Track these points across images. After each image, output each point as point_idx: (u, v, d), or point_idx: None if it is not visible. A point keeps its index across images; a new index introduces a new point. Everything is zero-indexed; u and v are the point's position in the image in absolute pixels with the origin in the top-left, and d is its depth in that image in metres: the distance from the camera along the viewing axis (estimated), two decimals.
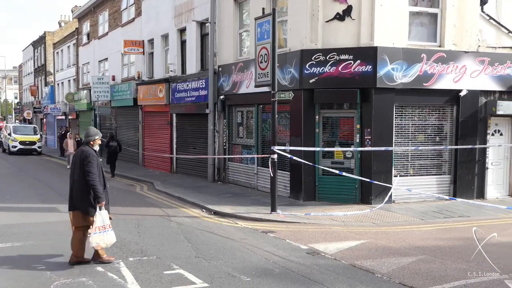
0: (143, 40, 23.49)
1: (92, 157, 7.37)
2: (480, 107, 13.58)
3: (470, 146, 13.41)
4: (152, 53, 23.28)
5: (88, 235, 7.37)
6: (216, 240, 9.22)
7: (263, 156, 14.76)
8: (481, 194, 13.75)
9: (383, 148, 12.59)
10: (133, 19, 25.13)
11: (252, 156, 15.80)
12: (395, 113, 12.97)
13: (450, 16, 13.10)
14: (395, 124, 12.97)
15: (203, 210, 12.50)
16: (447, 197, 13.17)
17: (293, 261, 7.84)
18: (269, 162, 11.91)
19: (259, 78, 12.39)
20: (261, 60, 12.18)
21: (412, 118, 13.34)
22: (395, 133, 12.98)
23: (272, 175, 11.78)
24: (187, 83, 19.48)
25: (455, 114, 13.45)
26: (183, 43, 20.39)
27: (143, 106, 23.63)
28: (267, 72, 11.89)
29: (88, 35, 33.27)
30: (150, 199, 14.48)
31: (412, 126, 13.36)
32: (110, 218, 7.54)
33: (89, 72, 32.65)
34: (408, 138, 13.29)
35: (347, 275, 7.12)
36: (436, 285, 6.68)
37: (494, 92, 13.71)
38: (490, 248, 8.85)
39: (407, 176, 13.33)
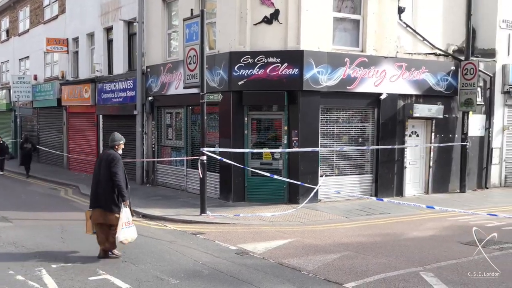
0: (67, 39, 22.68)
1: (118, 160, 8.08)
2: (399, 110, 14.33)
3: (390, 147, 14.12)
4: (77, 52, 22.53)
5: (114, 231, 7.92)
6: (144, 244, 9.13)
7: (192, 158, 14.75)
8: (400, 192, 14.50)
9: (309, 149, 12.97)
10: (56, 16, 24.20)
11: (181, 158, 15.73)
12: (321, 115, 13.40)
13: (371, 23, 13.73)
14: (321, 126, 13.40)
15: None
16: (394, 200, 13.80)
17: (222, 262, 7.93)
18: (199, 164, 11.93)
19: (188, 79, 12.38)
20: (189, 61, 12.18)
21: (337, 120, 13.84)
22: (321, 135, 13.41)
23: (201, 177, 11.81)
24: (114, 83, 19.05)
25: (376, 116, 14.10)
26: (110, 43, 19.91)
27: (67, 107, 22.82)
28: (196, 74, 11.90)
29: (7, 31, 31.62)
30: (76, 203, 14.04)
31: (337, 128, 13.85)
32: (132, 215, 8.23)
33: (8, 70, 31.02)
34: (333, 139, 13.77)
35: (275, 274, 7.31)
36: (358, 280, 7.01)
37: (411, 95, 14.51)
38: (407, 242, 9.42)
39: (332, 176, 13.81)
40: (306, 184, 12.67)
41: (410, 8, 14.64)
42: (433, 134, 15.07)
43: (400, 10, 14.23)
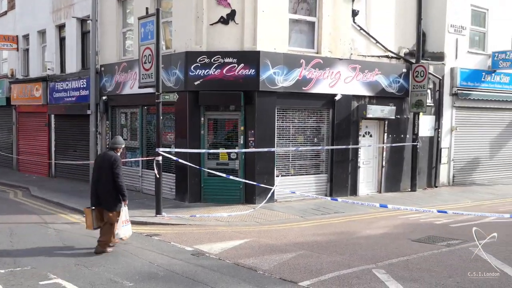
0: (17, 36, 21.94)
1: (120, 161, 8.60)
2: (353, 111, 14.63)
3: (344, 147, 14.40)
4: (27, 50, 21.83)
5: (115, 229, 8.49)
6: None
7: (148, 158, 14.58)
8: (354, 191, 14.80)
9: (266, 149, 13.06)
10: (5, 12, 23.38)
11: (136, 159, 15.52)
12: (277, 115, 13.52)
13: (326, 25, 13.96)
14: (277, 126, 13.52)
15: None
16: (348, 200, 14.02)
17: (178, 263, 7.89)
18: (154, 165, 11.80)
19: (143, 78, 12.23)
20: (145, 60, 12.03)
21: (293, 120, 14.00)
22: (277, 135, 13.52)
23: (157, 178, 11.70)
24: (67, 82, 18.59)
25: (331, 116, 14.34)
26: (62, 40, 19.41)
27: (17, 106, 22.09)
28: (152, 73, 11.78)
29: None
30: (26, 206, 13.62)
31: (292, 128, 14.01)
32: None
33: None
34: (289, 139, 13.92)
35: (231, 274, 7.33)
36: (313, 278, 7.12)
37: (364, 97, 14.84)
38: (360, 240, 9.64)
39: (288, 175, 13.95)
40: (262, 185, 12.76)
41: (363, 12, 14.97)
42: (385, 134, 15.47)
43: (354, 13, 14.54)
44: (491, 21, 18.18)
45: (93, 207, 8.67)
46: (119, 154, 8.81)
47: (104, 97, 16.63)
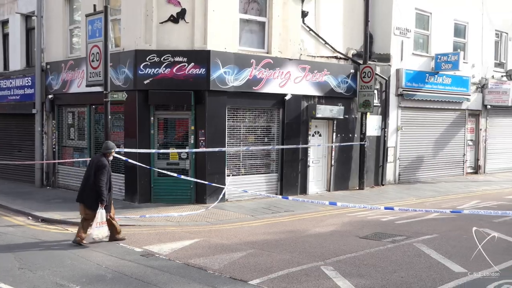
0: None
1: (105, 167, 9.14)
2: (303, 110, 14.85)
3: (294, 146, 14.59)
4: None
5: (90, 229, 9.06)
6: (43, 249, 8.71)
7: None
8: (304, 190, 15.03)
9: (216, 149, 13.06)
10: None
11: (84, 159, 15.14)
12: (228, 115, 13.54)
13: (276, 26, 14.10)
14: (227, 126, 13.54)
15: (29, 217, 11.66)
16: (298, 198, 14.17)
17: (127, 264, 7.79)
18: None
19: (91, 77, 11.96)
20: (92, 58, 11.77)
21: (243, 120, 14.06)
22: (227, 134, 13.55)
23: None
24: (10, 80, 17.92)
25: (281, 116, 14.50)
26: (5, 37, 18.69)
27: None
28: (99, 72, 11.53)
29: None
30: None
31: (243, 128, 14.07)
32: (111, 217, 9.28)
33: None
34: (240, 139, 13.97)
35: (181, 274, 7.31)
36: (263, 276, 7.20)
37: (314, 97, 15.09)
38: (309, 238, 9.80)
39: (239, 175, 14.00)
40: (213, 184, 12.75)
41: (313, 13, 15.21)
42: (334, 134, 15.78)
43: (304, 14, 14.75)
44: (434, 24, 18.88)
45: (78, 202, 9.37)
46: (110, 158, 9.52)
47: (50, 96, 16.13)
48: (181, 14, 12.96)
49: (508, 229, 10.45)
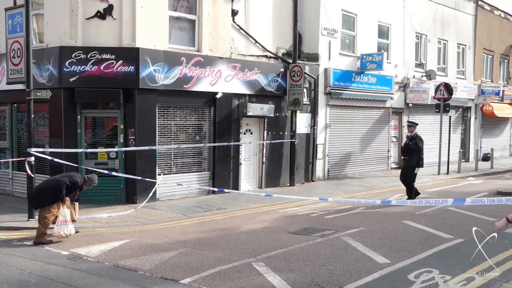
0: None
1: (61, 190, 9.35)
2: (234, 109, 14.94)
3: (225, 144, 14.65)
4: None
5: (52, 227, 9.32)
6: None
7: (18, 159, 13.61)
8: (236, 188, 15.12)
9: (147, 148, 12.86)
10: None
11: (5, 160, 14.42)
12: (158, 113, 13.37)
13: (206, 24, 14.08)
14: (158, 124, 13.37)
15: None
16: (234, 191, 14.16)
17: (53, 268, 7.52)
18: (26, 166, 11.07)
19: (12, 74, 11.40)
20: (13, 55, 11.22)
21: (174, 118, 13.94)
22: (158, 133, 13.38)
23: (29, 179, 10.98)
24: None
25: (212, 114, 14.51)
26: None
27: None
28: (21, 68, 11.03)
29: None
30: None
31: (174, 126, 13.95)
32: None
33: None
34: (171, 137, 13.85)
35: (110, 276, 7.16)
36: (195, 275, 7.20)
37: (245, 95, 15.22)
38: (241, 235, 9.90)
39: (170, 174, 13.88)
40: (146, 179, 12.57)
41: (243, 12, 15.32)
42: (265, 131, 16.00)
43: (234, 13, 14.83)
44: (359, 25, 19.57)
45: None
46: (84, 188, 10.01)
47: None
48: (108, 10, 12.63)
49: (428, 221, 11.06)
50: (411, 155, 13.60)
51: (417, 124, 14.30)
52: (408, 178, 13.76)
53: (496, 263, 7.75)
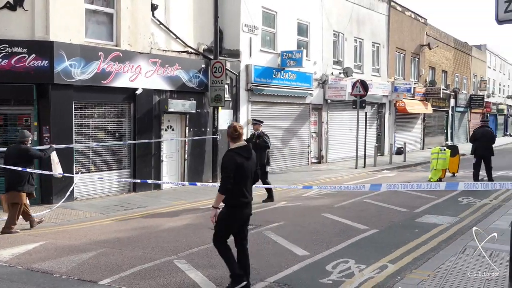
0: None
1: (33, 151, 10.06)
2: (155, 105, 14.72)
3: (146, 141, 14.40)
4: None
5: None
6: None
7: None
8: (158, 185, 14.92)
9: (63, 146, 12.35)
10: None
11: None
12: (75, 110, 12.90)
13: (124, 18, 13.74)
14: (75, 121, 12.90)
15: None
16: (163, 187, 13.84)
17: None
18: None
19: None
20: None
21: (93, 115, 13.51)
22: (75, 130, 12.92)
23: None
24: None
25: (132, 111, 14.21)
26: None
27: None
28: None
29: None
30: None
31: (92, 123, 13.52)
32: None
33: None
34: (89, 135, 13.42)
35: (23, 281, 6.83)
36: (114, 275, 7.03)
37: (166, 91, 15.04)
38: (163, 233, 9.80)
39: (89, 172, 13.45)
40: (66, 174, 12.09)
41: (163, 6, 15.11)
42: (187, 128, 15.90)
43: (153, 7, 14.59)
44: (280, 22, 19.93)
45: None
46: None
47: None
48: (19, 1, 12.00)
49: (345, 213, 11.52)
50: (259, 153, 12.38)
51: (262, 122, 13.81)
52: (262, 176, 12.69)
53: (407, 251, 8.27)
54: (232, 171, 6.09)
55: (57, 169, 11.24)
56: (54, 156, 11.11)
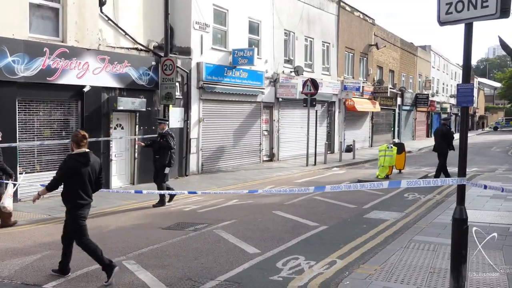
0: None
1: None
2: (103, 103, 14.39)
3: (94, 139, 13.98)
4: None
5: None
6: None
7: None
8: (107, 185, 14.57)
9: (6, 145, 11.85)
10: None
11: None
12: (19, 107, 12.45)
13: (71, 13, 13.35)
14: (19, 119, 12.45)
15: None
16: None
17: None
18: None
19: None
20: None
21: (38, 113, 13.07)
22: (19, 129, 12.46)
23: None
24: None
25: (80, 109, 13.84)
26: None
27: None
28: None
29: None
30: None
31: (37, 121, 13.08)
32: None
33: None
34: (34, 133, 12.97)
35: None
36: (60, 278, 6.84)
37: (115, 89, 14.73)
38: (112, 233, 9.62)
39: (34, 172, 13.00)
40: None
41: (111, 2, 14.79)
42: (137, 126, 15.64)
43: (101, 3, 14.26)
44: (231, 20, 19.91)
45: None
46: None
47: None
48: None
49: (295, 210, 11.66)
50: (162, 153, 12.47)
51: (167, 121, 13.53)
52: (159, 178, 12.57)
53: (355, 246, 8.46)
54: (63, 174, 6.75)
55: (5, 201, 9.68)
56: (10, 189, 9.81)
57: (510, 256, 7.48)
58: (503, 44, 10.95)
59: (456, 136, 9.05)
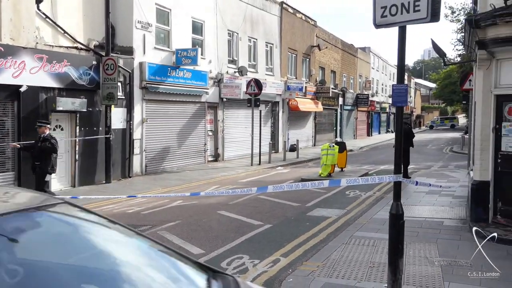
0: None
1: None
2: (41, 103, 13.92)
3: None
4: None
5: None
6: None
7: None
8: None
9: None
10: None
11: None
12: None
13: (5, 10, 12.83)
14: None
15: None
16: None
17: None
18: None
19: None
20: None
21: None
22: None
23: None
24: None
25: (16, 109, 13.33)
26: None
27: None
28: None
29: None
30: None
31: None
32: None
33: None
34: None
35: None
36: None
37: (54, 88, 14.28)
38: None
39: None
40: None
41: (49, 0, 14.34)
42: (78, 127, 15.23)
43: (39, 0, 13.77)
44: (174, 20, 19.75)
45: None
46: None
47: None
48: None
49: (240, 210, 11.74)
50: (44, 158, 11.30)
51: (48, 124, 12.14)
52: (39, 187, 11.25)
53: (298, 244, 8.64)
54: None
55: None
56: None
57: (444, 249, 7.89)
58: (436, 47, 11.46)
59: (392, 135, 9.45)
